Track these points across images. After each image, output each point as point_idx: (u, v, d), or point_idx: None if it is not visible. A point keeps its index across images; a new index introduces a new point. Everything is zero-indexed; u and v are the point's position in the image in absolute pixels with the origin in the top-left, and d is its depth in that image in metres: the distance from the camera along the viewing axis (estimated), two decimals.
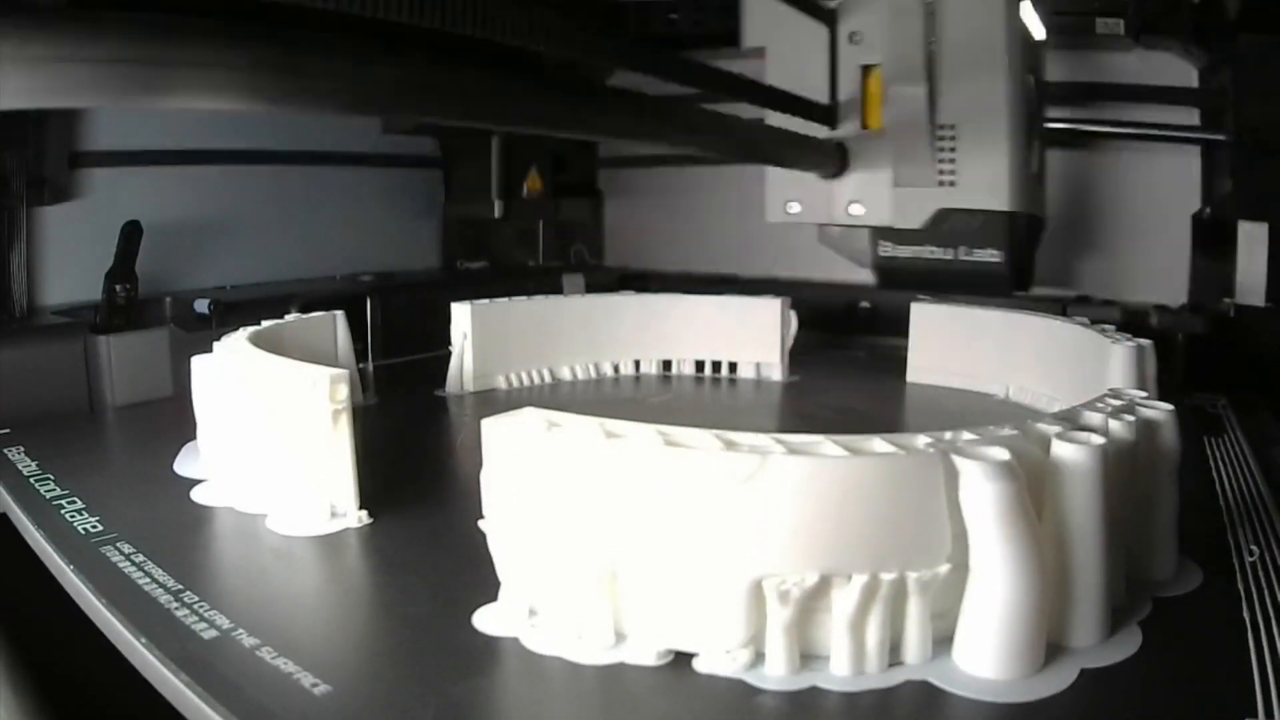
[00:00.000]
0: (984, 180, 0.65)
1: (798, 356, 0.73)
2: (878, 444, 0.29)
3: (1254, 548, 0.39)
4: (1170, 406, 0.35)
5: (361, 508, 0.41)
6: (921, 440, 0.29)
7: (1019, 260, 0.66)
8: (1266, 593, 0.35)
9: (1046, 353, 0.63)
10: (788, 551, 0.27)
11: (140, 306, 0.66)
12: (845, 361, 0.82)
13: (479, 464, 0.32)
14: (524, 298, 0.71)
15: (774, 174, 0.73)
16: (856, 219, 0.70)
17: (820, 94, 0.71)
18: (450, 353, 0.68)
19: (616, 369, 0.74)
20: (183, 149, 0.77)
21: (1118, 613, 0.32)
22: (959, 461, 0.27)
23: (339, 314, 0.63)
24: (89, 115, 0.72)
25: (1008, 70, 0.64)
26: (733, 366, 0.74)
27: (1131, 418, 0.33)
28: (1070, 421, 0.33)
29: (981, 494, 0.27)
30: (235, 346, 0.48)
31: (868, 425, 0.30)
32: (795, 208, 0.73)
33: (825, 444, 0.28)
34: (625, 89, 0.50)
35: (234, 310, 0.69)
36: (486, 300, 0.69)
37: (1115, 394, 0.37)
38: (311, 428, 0.40)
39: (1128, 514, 0.33)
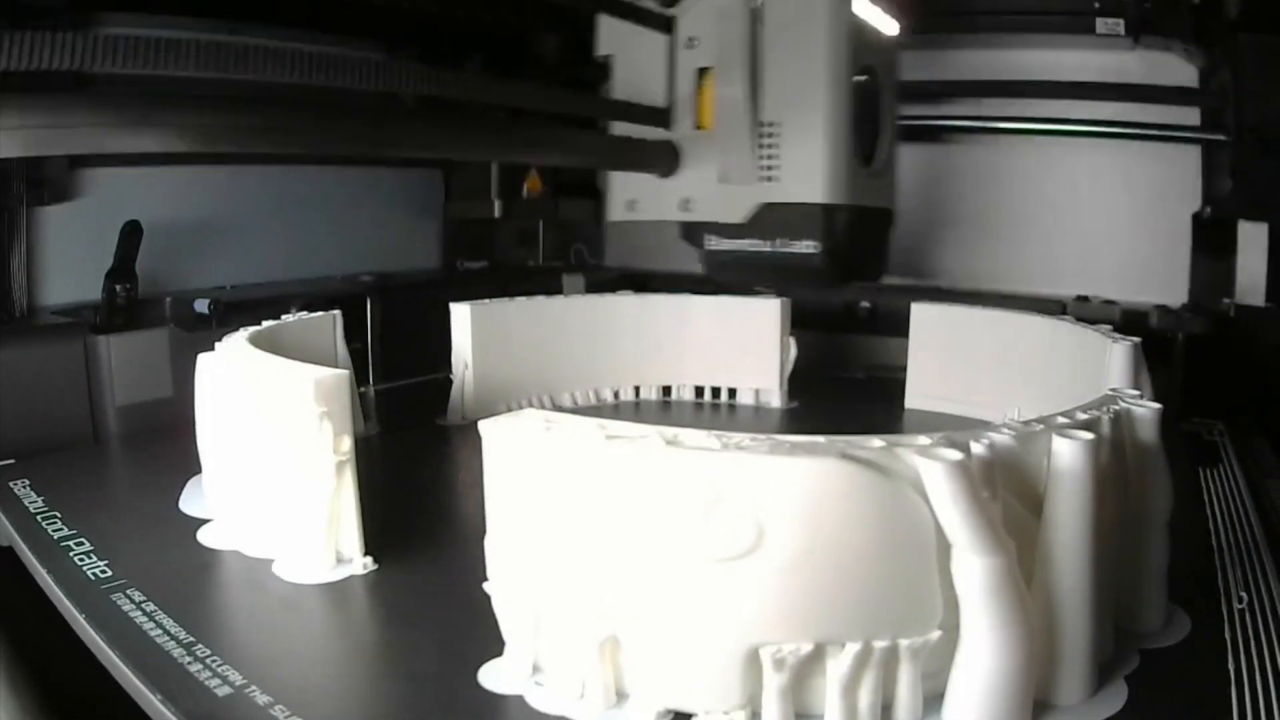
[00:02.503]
0: (802, 176, 0.67)
1: (797, 379, 0.73)
2: (875, 442, 0.29)
3: (1243, 594, 0.39)
4: (1159, 405, 0.35)
5: (366, 553, 0.41)
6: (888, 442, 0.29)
7: (843, 251, 0.67)
8: (1253, 643, 0.35)
9: (1046, 361, 0.62)
10: (784, 622, 0.28)
11: (140, 306, 0.66)
12: (844, 385, 0.82)
13: (481, 502, 0.32)
14: (524, 299, 0.71)
15: (616, 175, 0.76)
16: (689, 215, 0.72)
17: (661, 98, 0.74)
18: (450, 379, 0.68)
19: (616, 395, 0.74)
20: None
21: (1105, 666, 0.32)
22: (952, 538, 0.27)
23: (337, 314, 0.63)
24: None
25: (828, 68, 0.66)
26: (732, 392, 0.74)
27: (1119, 407, 0.34)
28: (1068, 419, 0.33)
29: (970, 568, 0.27)
30: (235, 347, 0.48)
31: None
32: (636, 205, 0.75)
33: (823, 444, 0.28)
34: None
35: (234, 310, 0.69)
36: (486, 300, 0.69)
37: (1115, 394, 0.37)
38: (312, 434, 0.40)
39: (1119, 538, 0.33)
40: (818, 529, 0.27)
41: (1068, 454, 0.30)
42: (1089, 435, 0.30)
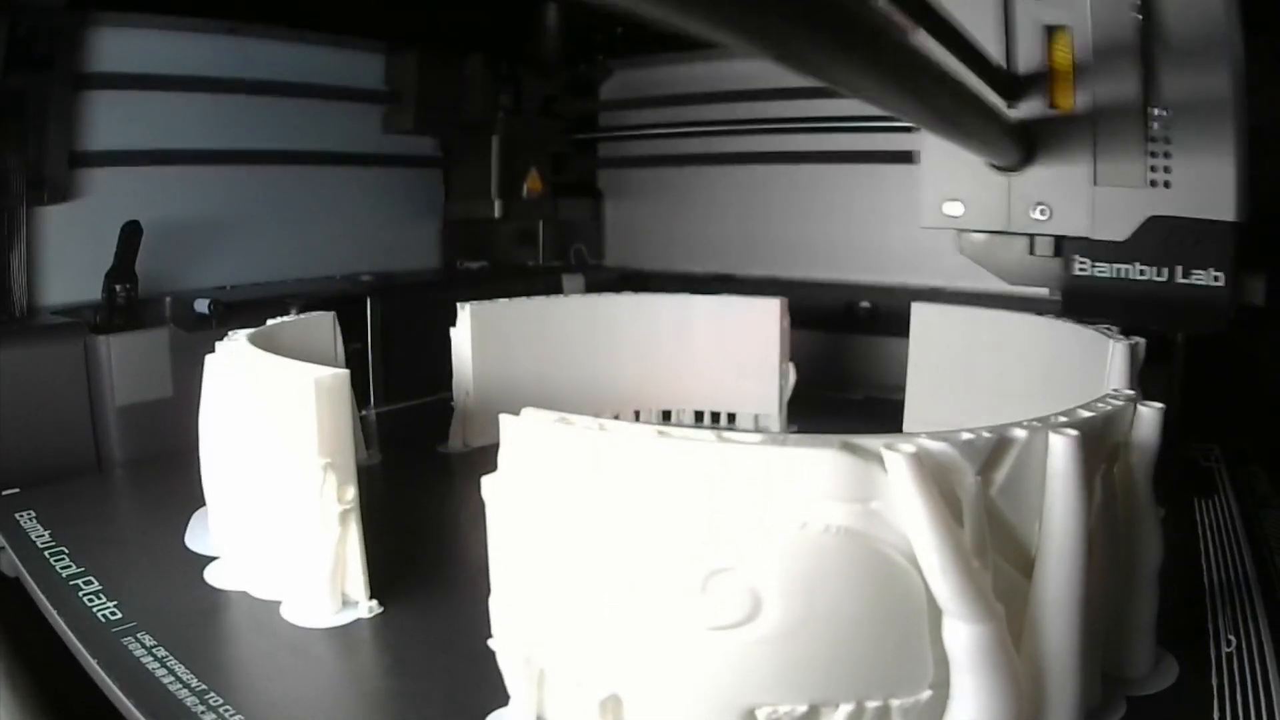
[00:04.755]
0: (1206, 183, 0.52)
1: (796, 400, 0.73)
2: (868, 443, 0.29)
3: (1231, 638, 0.38)
4: (1161, 405, 0.35)
5: (372, 595, 0.41)
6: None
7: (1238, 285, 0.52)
8: (1239, 689, 0.34)
9: (1048, 366, 0.61)
10: (779, 684, 0.28)
11: (140, 306, 0.66)
12: (843, 408, 0.82)
13: (484, 538, 0.33)
14: (524, 299, 0.71)
15: (929, 166, 0.59)
16: (1041, 226, 0.55)
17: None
18: (451, 405, 0.68)
19: (616, 418, 0.73)
20: (183, 149, 0.77)
21: (1091, 714, 0.32)
22: (941, 603, 0.28)
23: (333, 315, 0.63)
24: (89, 115, 0.72)
25: (1232, 45, 0.50)
26: (731, 417, 0.74)
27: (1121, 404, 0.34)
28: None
29: (958, 633, 0.28)
30: (234, 348, 0.47)
31: None
32: (956, 209, 0.59)
33: (830, 441, 0.28)
34: None
35: (234, 310, 0.69)
36: (487, 302, 0.69)
37: (1115, 394, 0.37)
38: (311, 448, 0.40)
39: (1108, 583, 0.33)
40: (813, 598, 0.28)
41: (1064, 450, 0.30)
42: (1080, 432, 0.30)
